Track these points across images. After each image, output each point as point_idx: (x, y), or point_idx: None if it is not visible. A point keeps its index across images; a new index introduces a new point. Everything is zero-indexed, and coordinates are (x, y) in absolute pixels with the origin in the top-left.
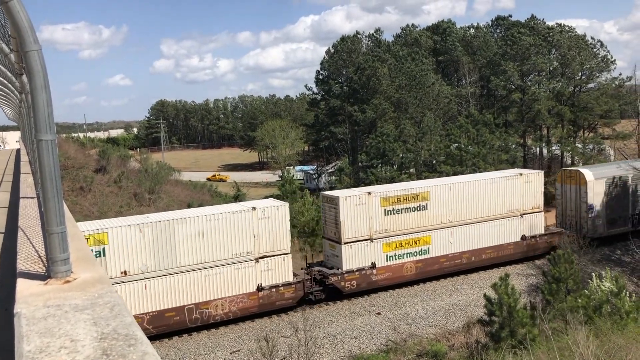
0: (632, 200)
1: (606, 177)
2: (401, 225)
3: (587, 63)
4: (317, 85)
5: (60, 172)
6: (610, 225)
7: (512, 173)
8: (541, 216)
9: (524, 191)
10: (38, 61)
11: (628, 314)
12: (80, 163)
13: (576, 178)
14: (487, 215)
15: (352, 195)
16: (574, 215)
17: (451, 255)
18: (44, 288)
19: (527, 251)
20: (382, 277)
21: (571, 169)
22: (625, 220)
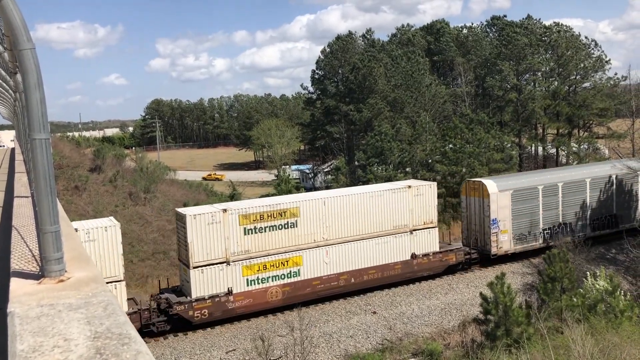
0: (543, 214)
1: (513, 189)
2: (265, 245)
3: (582, 63)
4: (313, 84)
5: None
6: (518, 241)
7: (399, 185)
8: (435, 232)
9: (414, 205)
10: (32, 60)
11: (622, 312)
12: (75, 162)
13: (479, 190)
14: (371, 231)
15: (203, 213)
16: (478, 230)
17: (326, 277)
18: (37, 287)
19: (417, 271)
20: (241, 304)
21: (474, 179)
22: (535, 236)
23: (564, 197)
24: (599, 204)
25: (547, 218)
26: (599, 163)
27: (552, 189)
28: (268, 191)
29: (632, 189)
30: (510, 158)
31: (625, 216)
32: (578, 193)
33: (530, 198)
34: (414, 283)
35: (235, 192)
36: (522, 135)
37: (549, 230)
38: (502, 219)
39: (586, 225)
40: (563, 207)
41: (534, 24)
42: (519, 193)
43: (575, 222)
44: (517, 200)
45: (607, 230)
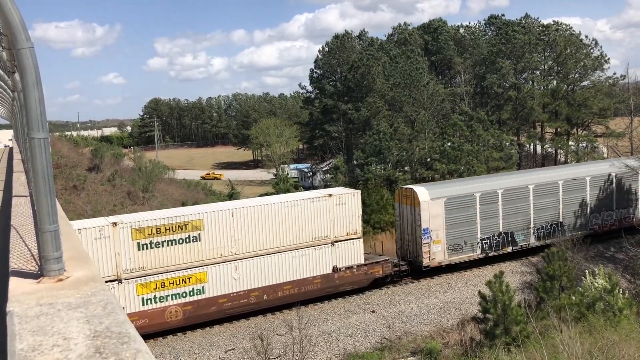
0: (481, 223)
1: (446, 197)
2: (163, 261)
3: (581, 61)
4: (311, 83)
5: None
6: (453, 251)
7: (319, 194)
8: (359, 243)
9: (336, 215)
10: (30, 59)
11: (621, 310)
12: (73, 162)
13: (411, 198)
14: (287, 244)
15: (89, 227)
16: (410, 240)
17: (235, 294)
18: (36, 286)
19: (339, 285)
20: (135, 325)
21: (406, 186)
22: (473, 246)
23: (504, 205)
24: (543, 212)
25: (486, 227)
26: (548, 168)
27: (491, 197)
28: (267, 190)
29: (581, 195)
30: (510, 157)
31: (572, 224)
32: (520, 200)
33: (466, 206)
34: (412, 282)
35: (233, 191)
36: (520, 134)
37: (488, 240)
38: (435, 228)
39: (530, 234)
40: (504, 216)
41: (532, 22)
42: (453, 201)
43: (518, 231)
44: (451, 208)
45: (553, 239)
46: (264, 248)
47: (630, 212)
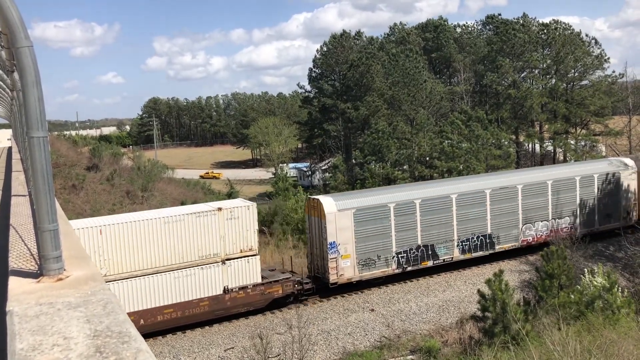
0: (396, 236)
1: (356, 208)
2: None
3: (581, 60)
4: (310, 82)
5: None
6: (365, 267)
7: (207, 208)
8: (255, 261)
9: (228, 230)
10: (29, 57)
11: (620, 309)
12: (72, 161)
13: (318, 209)
14: (168, 263)
15: None
16: (318, 255)
17: None
18: (36, 286)
19: (231, 307)
20: None
21: (313, 197)
22: (387, 261)
23: (423, 216)
24: (469, 223)
25: (402, 240)
26: (474, 176)
27: (408, 207)
28: (266, 189)
29: (512, 205)
30: (508, 155)
31: (501, 235)
32: (441, 211)
33: (379, 218)
34: (411, 280)
35: (232, 190)
36: (519, 133)
37: (405, 253)
38: (343, 242)
39: (453, 247)
40: (423, 228)
41: (530, 21)
42: (364, 212)
43: (439, 243)
44: (362, 220)
45: (480, 252)
46: (140, 268)
47: (568, 222)
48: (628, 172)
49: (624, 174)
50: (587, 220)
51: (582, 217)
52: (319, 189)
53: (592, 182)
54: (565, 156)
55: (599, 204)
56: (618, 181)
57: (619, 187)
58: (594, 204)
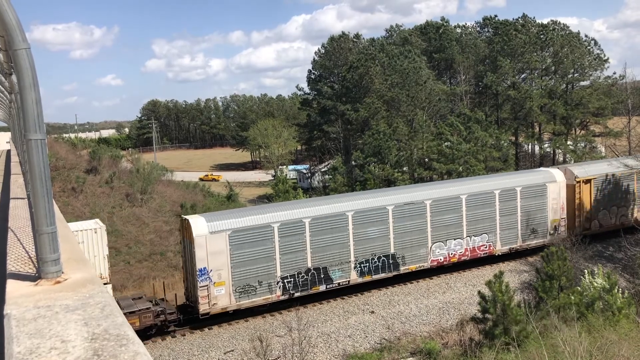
0: (281, 259)
1: (231, 229)
2: None
3: (579, 61)
4: (309, 84)
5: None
6: (243, 294)
7: None
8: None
9: None
10: (27, 60)
11: (620, 310)
12: (71, 164)
13: (189, 230)
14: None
15: None
16: (191, 281)
17: None
18: (34, 289)
19: None
20: None
21: (185, 216)
22: (270, 287)
23: (314, 237)
24: (368, 243)
25: (289, 263)
26: (376, 191)
27: (296, 227)
28: (265, 191)
29: (420, 222)
30: (507, 157)
31: (407, 256)
32: (336, 230)
33: (261, 239)
34: (411, 282)
35: (232, 192)
36: (519, 134)
37: (292, 278)
38: (217, 267)
39: (349, 270)
40: (314, 249)
41: (529, 22)
42: (242, 234)
43: (333, 266)
44: (239, 243)
45: (382, 274)
46: None
47: (486, 239)
48: (556, 185)
49: (551, 186)
50: (508, 236)
51: (503, 233)
52: (318, 190)
53: (514, 196)
54: (565, 157)
55: (523, 219)
56: (545, 194)
57: (545, 200)
58: (516, 219)
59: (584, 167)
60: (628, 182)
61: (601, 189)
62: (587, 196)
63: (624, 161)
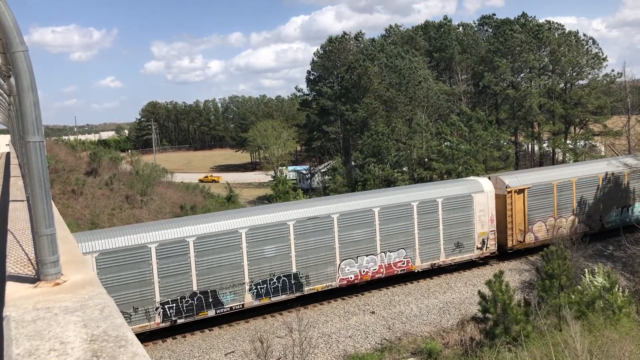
0: (161, 283)
1: (99, 252)
2: None
3: (577, 60)
4: (308, 85)
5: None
6: None
7: None
8: None
9: None
10: (24, 62)
11: (620, 309)
12: (71, 166)
13: None
14: None
15: None
16: None
17: None
18: (33, 291)
19: None
20: None
21: None
22: (148, 314)
23: (200, 257)
24: (266, 262)
25: (170, 287)
26: (274, 205)
27: (178, 247)
28: (265, 192)
29: (326, 238)
30: (507, 157)
31: (311, 275)
32: (227, 249)
33: (135, 262)
34: (412, 282)
35: (232, 193)
36: (518, 133)
37: (175, 303)
38: None
39: (244, 292)
40: (200, 270)
41: (529, 21)
42: (112, 256)
43: (224, 288)
44: (108, 266)
45: (282, 295)
46: None
47: (403, 255)
48: (483, 195)
49: (478, 197)
50: (429, 251)
51: (422, 248)
52: (318, 191)
53: (435, 208)
54: (564, 156)
55: (446, 233)
56: (470, 205)
57: (471, 212)
58: (437, 233)
59: (517, 176)
60: (567, 191)
61: (536, 199)
62: (521, 207)
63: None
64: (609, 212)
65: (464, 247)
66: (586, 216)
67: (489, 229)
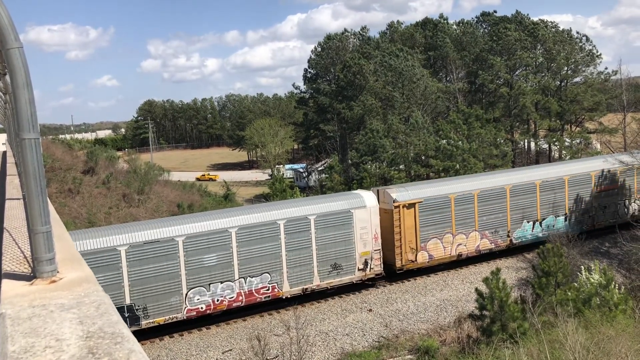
0: None
1: None
2: None
3: (572, 57)
4: (305, 83)
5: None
6: None
7: None
8: None
9: None
10: (19, 59)
11: (617, 305)
12: (68, 165)
13: None
14: None
15: None
16: None
17: None
18: (29, 288)
19: None
20: None
21: None
22: None
23: None
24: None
25: None
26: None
27: None
28: (262, 191)
29: (166, 263)
30: (505, 154)
31: (154, 306)
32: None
33: None
34: (409, 280)
35: (229, 192)
36: (514, 131)
37: None
38: None
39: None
40: None
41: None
42: None
43: None
44: None
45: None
46: None
47: (267, 280)
48: (365, 211)
49: (359, 213)
50: (300, 275)
51: (292, 271)
52: (315, 189)
53: (307, 226)
54: (561, 154)
55: (320, 254)
56: (350, 222)
57: (351, 230)
58: (310, 255)
59: (408, 189)
60: (467, 205)
61: (430, 213)
62: (411, 223)
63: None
64: (518, 226)
65: (342, 269)
66: (491, 232)
67: (373, 248)
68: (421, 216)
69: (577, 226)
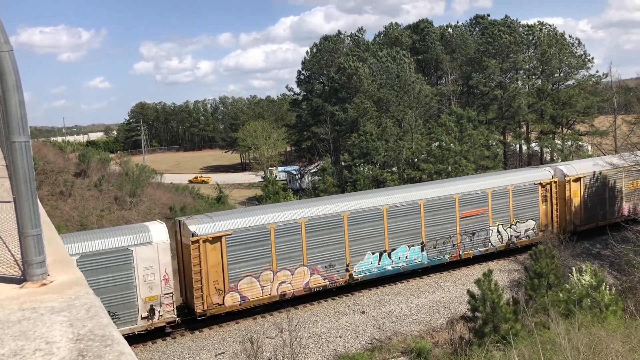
0: None
1: None
2: None
3: (565, 60)
4: (299, 85)
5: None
6: None
7: None
8: None
9: None
10: (9, 62)
11: (607, 306)
12: (59, 167)
13: None
14: None
15: None
16: None
17: None
18: (19, 291)
19: None
20: None
21: None
22: None
23: None
24: None
25: None
26: None
27: None
28: (255, 193)
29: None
30: (496, 156)
31: None
32: None
33: None
34: (401, 282)
35: (221, 194)
36: (506, 133)
37: None
38: None
39: None
40: None
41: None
42: None
43: None
44: None
45: None
46: None
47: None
48: (151, 248)
49: (142, 250)
50: None
51: None
52: (308, 192)
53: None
54: (552, 156)
55: None
56: (129, 263)
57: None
58: None
59: (214, 219)
60: (292, 235)
61: (242, 247)
62: (217, 259)
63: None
64: (359, 259)
65: (119, 319)
66: (325, 266)
67: (162, 291)
68: (230, 251)
69: (437, 257)
